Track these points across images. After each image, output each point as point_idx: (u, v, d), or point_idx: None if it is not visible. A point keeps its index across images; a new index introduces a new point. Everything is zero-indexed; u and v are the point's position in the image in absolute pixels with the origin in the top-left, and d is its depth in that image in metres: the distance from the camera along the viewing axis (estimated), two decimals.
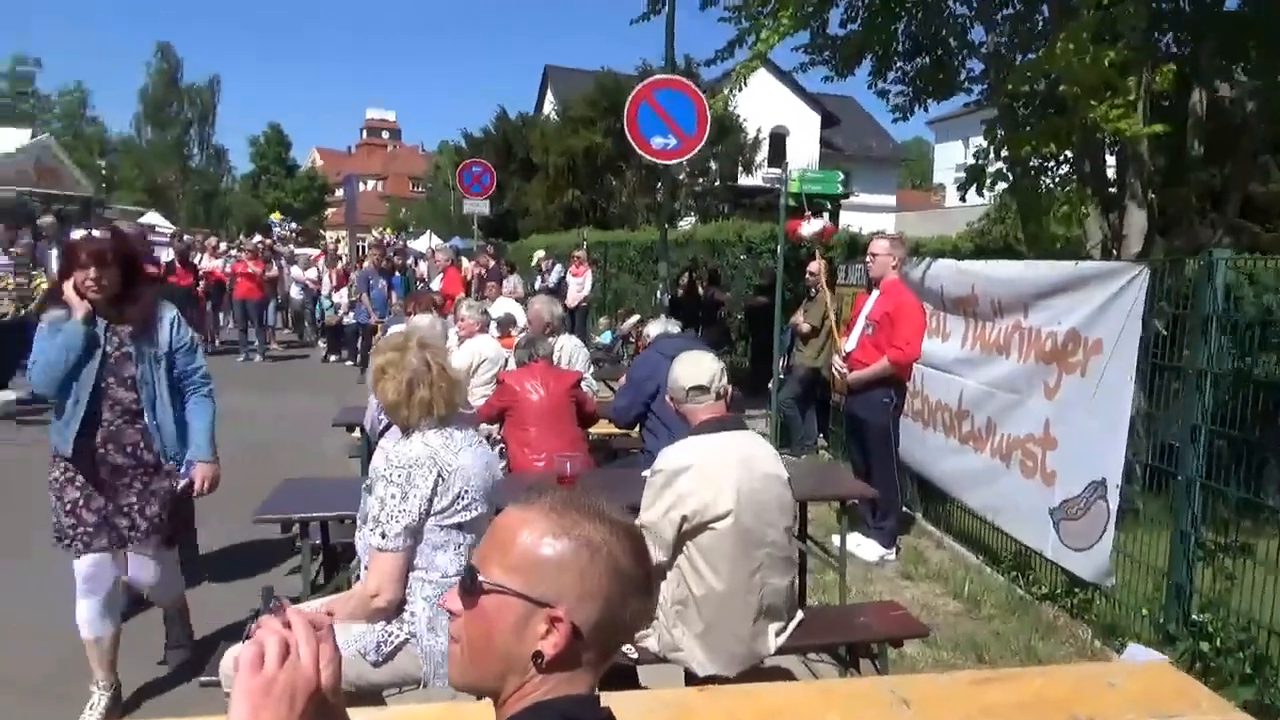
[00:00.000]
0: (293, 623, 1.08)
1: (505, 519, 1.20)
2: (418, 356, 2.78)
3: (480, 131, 30.36)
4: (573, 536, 1.15)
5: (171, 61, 45.07)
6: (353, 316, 13.69)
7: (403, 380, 2.74)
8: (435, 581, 2.68)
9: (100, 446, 3.32)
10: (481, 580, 1.15)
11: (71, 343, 3.19)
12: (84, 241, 3.27)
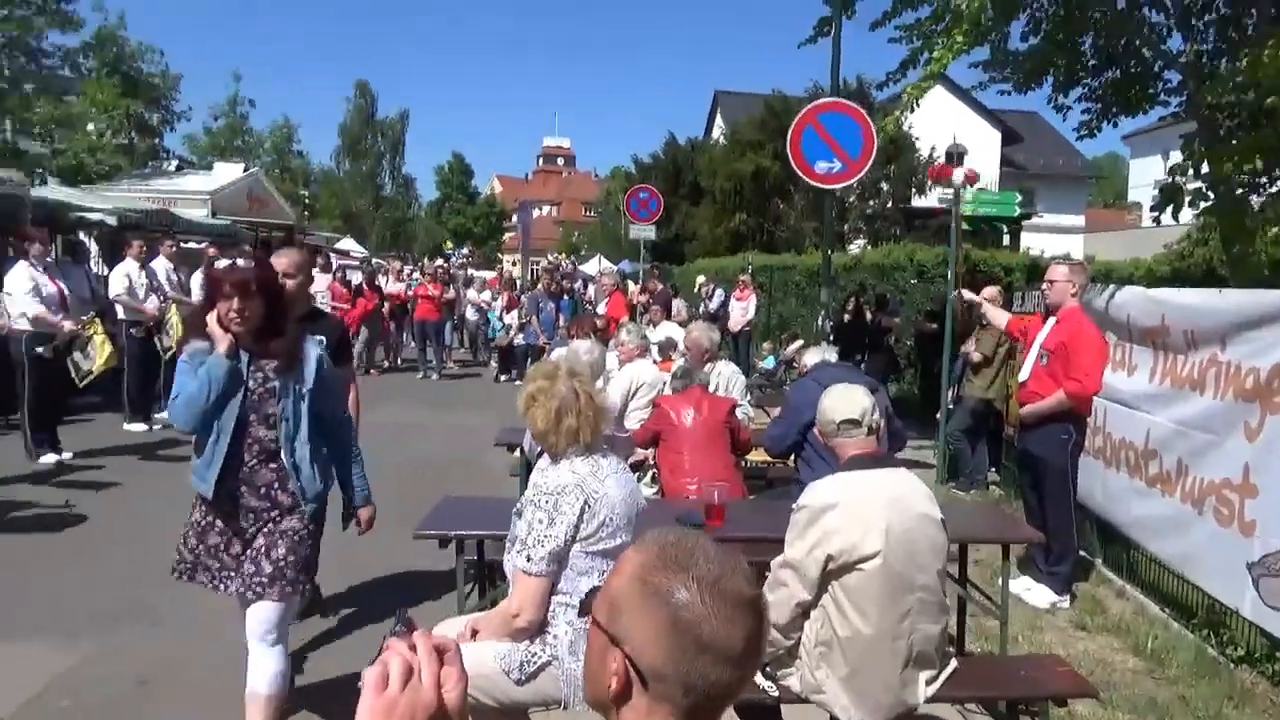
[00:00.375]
0: (417, 646, 1.11)
1: (622, 553, 1.25)
2: (566, 385, 2.83)
3: (650, 157, 30.88)
4: (651, 585, 1.16)
5: (368, 98, 48.42)
6: (523, 338, 14.19)
7: (551, 408, 2.79)
8: (578, 606, 2.71)
9: (237, 488, 3.11)
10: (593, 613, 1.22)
11: (216, 377, 2.99)
12: (227, 271, 3.02)
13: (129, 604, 4.77)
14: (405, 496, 7.35)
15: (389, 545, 6.01)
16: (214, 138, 31.70)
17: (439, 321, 15.50)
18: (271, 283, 3.14)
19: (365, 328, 15.28)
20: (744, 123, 26.18)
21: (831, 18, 8.55)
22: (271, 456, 3.14)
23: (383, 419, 10.97)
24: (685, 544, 1.21)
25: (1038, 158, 34.80)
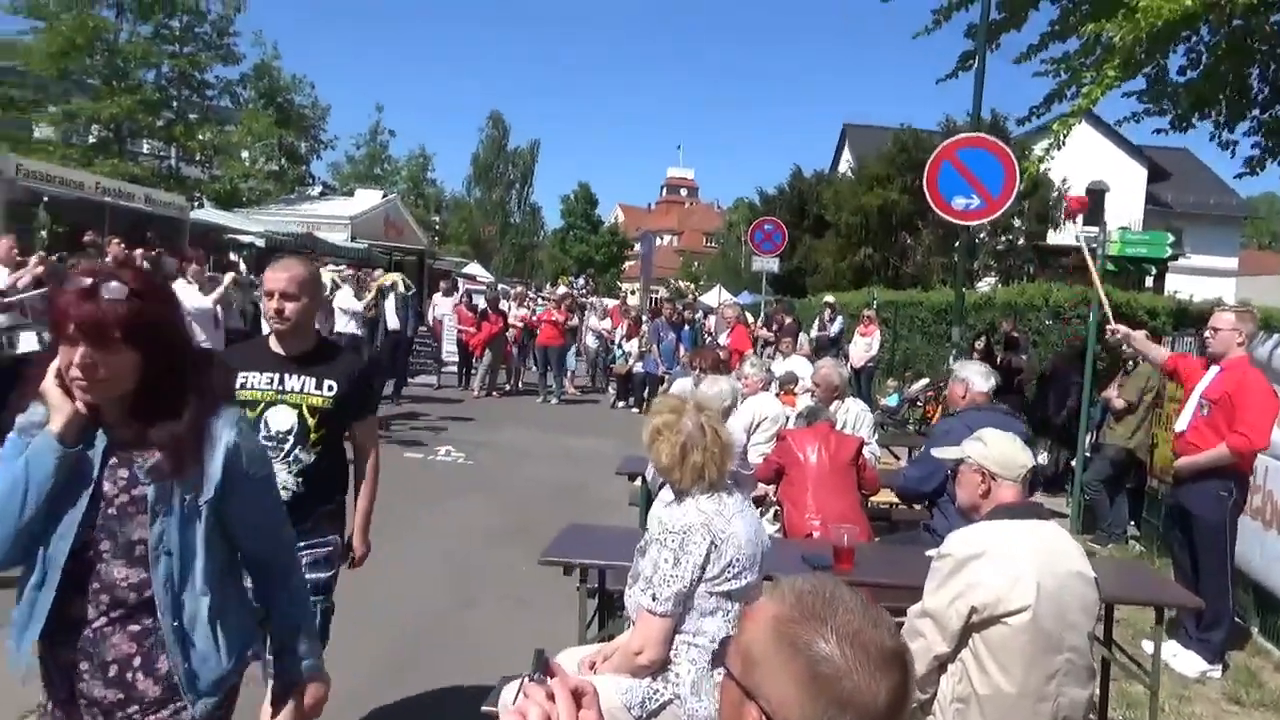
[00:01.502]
0: (556, 695, 1.09)
1: (752, 606, 1.20)
2: (693, 420, 2.79)
3: (774, 189, 30.74)
4: (788, 636, 1.10)
5: (501, 129, 50.04)
6: (642, 366, 14.26)
7: (677, 443, 2.76)
8: (702, 646, 2.66)
9: (73, 664, 1.86)
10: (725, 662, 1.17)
11: (37, 475, 1.77)
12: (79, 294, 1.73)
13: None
14: (524, 520, 7.47)
15: (507, 566, 6.12)
16: (355, 165, 33.28)
17: (562, 347, 15.74)
18: (158, 317, 1.83)
19: (489, 351, 15.65)
20: (873, 156, 25.80)
21: (974, 52, 8.33)
22: (133, 613, 1.84)
23: (502, 441, 11.19)
24: (823, 592, 1.15)
25: (1187, 195, 33.01)
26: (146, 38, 20.51)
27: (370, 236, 19.82)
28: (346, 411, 3.10)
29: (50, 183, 10.43)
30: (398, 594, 5.46)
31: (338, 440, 3.16)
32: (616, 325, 16.76)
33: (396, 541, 6.57)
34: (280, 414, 2.99)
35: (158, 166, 21.88)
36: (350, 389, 3.07)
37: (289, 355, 3.03)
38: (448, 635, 4.88)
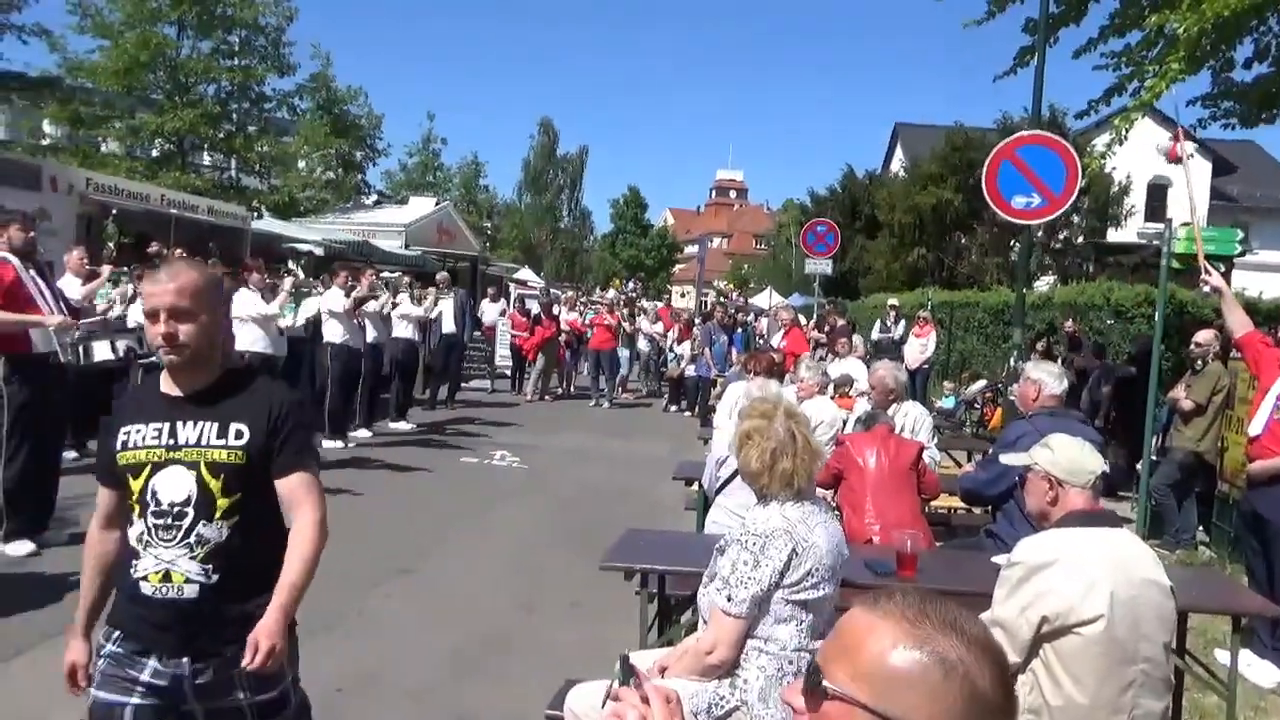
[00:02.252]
0: (651, 700, 1.09)
1: (853, 621, 1.12)
2: (784, 426, 2.79)
3: (826, 190, 30.51)
4: (925, 651, 1.04)
5: (551, 135, 50.43)
6: (694, 369, 14.24)
7: (767, 449, 2.75)
8: (773, 654, 2.65)
9: None
10: (826, 684, 1.08)
11: None
12: None
13: (329, 612, 5.03)
14: (579, 524, 7.50)
15: (564, 569, 6.15)
16: (409, 174, 33.77)
17: (614, 351, 15.79)
18: None
19: (541, 355, 15.77)
20: (925, 155, 25.50)
21: (1033, 47, 8.20)
22: None
23: (556, 445, 11.26)
24: (917, 601, 1.12)
25: (1253, 189, 32.05)
26: (206, 53, 21.04)
27: (424, 243, 20.07)
28: (264, 464, 2.29)
29: (119, 196, 10.74)
30: (459, 596, 5.53)
31: (262, 506, 2.34)
32: (668, 329, 16.77)
33: (457, 545, 6.67)
34: (173, 478, 2.21)
35: (219, 178, 22.42)
36: (269, 433, 2.28)
37: (185, 395, 2.28)
38: (509, 638, 4.92)
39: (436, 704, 4.06)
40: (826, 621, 2.79)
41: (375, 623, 5.00)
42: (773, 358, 7.72)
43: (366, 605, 5.22)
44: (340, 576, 5.66)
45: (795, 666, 2.68)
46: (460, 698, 4.14)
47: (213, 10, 20.59)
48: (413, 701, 4.07)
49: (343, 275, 10.02)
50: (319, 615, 4.95)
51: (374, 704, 4.01)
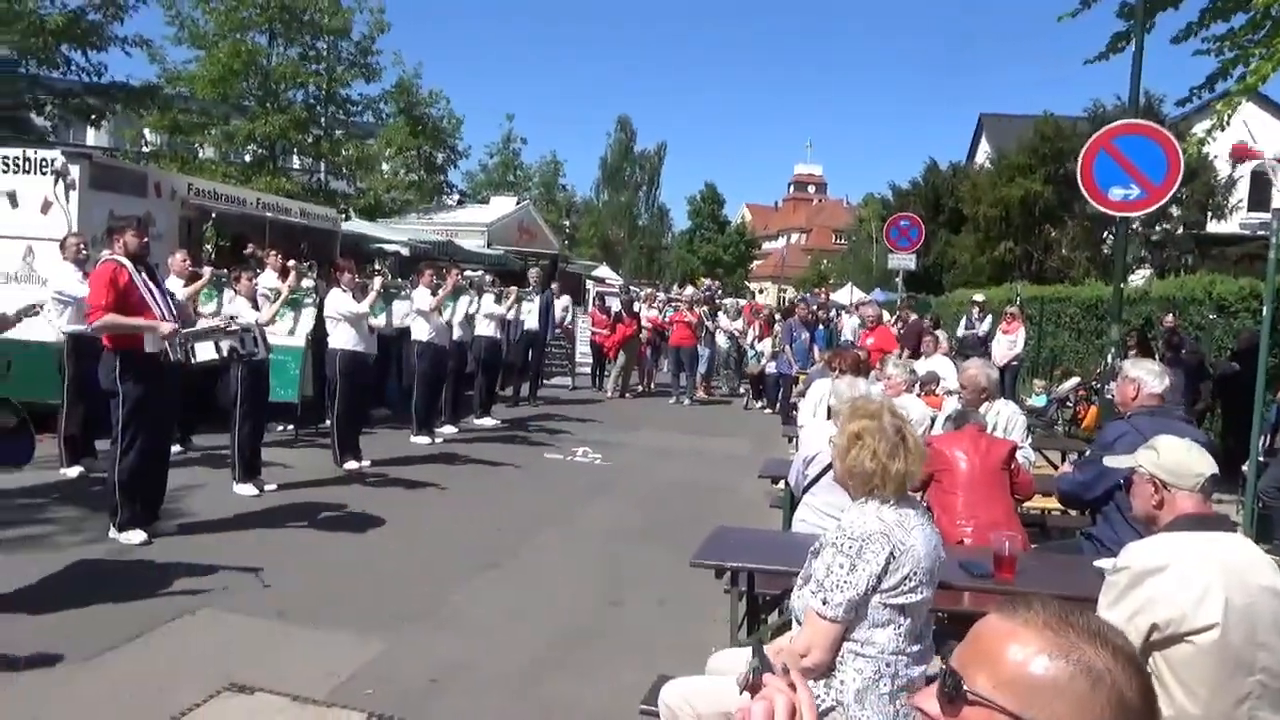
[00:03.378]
0: (798, 687, 1.11)
1: (991, 627, 1.12)
2: (892, 426, 2.76)
3: (908, 183, 29.96)
4: (1072, 660, 1.04)
5: (628, 132, 50.61)
6: (775, 366, 14.14)
7: (880, 450, 2.72)
8: (870, 657, 2.63)
9: None
10: (967, 690, 1.08)
11: None
12: None
13: (421, 603, 5.18)
14: (662, 520, 7.54)
15: (649, 565, 6.19)
16: (489, 174, 34.27)
17: (694, 348, 15.78)
18: None
19: (622, 352, 15.85)
20: (1012, 146, 24.82)
21: (1127, 33, 7.91)
22: None
23: (637, 442, 11.32)
24: (1058, 609, 1.10)
25: None
26: (294, 59, 21.68)
27: (505, 242, 20.36)
28: None
29: (217, 200, 11.14)
30: (547, 590, 5.61)
31: None
32: (749, 325, 16.69)
33: (542, 540, 6.76)
34: None
35: (308, 181, 23.09)
36: None
37: None
38: (597, 633, 4.97)
39: (528, 696, 4.13)
40: (924, 624, 2.75)
41: (466, 615, 5.11)
42: (858, 355, 7.64)
43: (457, 598, 5.34)
44: (431, 569, 5.82)
45: (892, 670, 2.65)
46: (551, 690, 4.20)
47: (300, 18, 21.21)
48: (505, 693, 4.15)
49: (428, 274, 10.23)
50: (412, 606, 5.10)
51: (468, 695, 4.10)
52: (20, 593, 4.91)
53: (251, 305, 7.67)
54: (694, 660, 4.22)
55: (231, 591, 5.15)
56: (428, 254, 14.74)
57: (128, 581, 5.18)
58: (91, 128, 19.89)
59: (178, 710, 3.73)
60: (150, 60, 20.17)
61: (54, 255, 8.07)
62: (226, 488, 7.32)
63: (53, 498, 6.88)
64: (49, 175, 8.82)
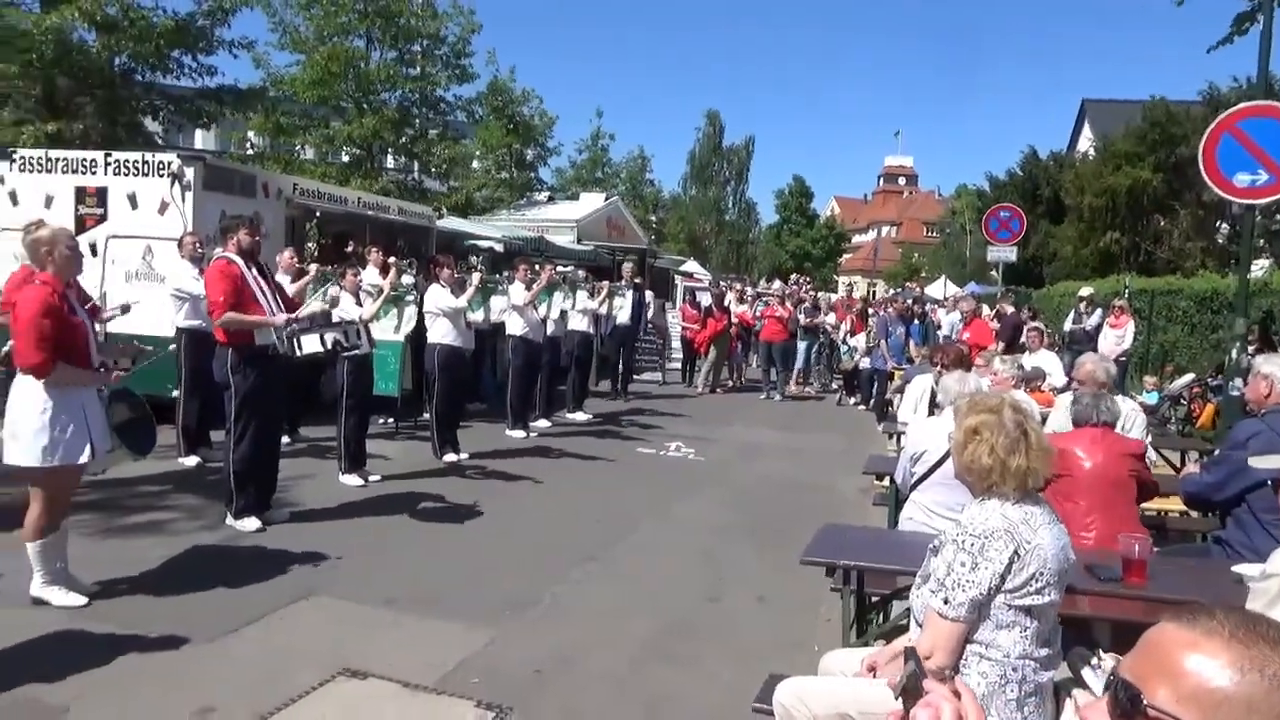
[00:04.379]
0: (963, 694, 1.07)
1: (1169, 637, 1.04)
2: (1013, 420, 2.66)
3: (1005, 173, 29.03)
4: (1267, 675, 0.96)
5: (717, 127, 50.34)
6: (869, 361, 13.88)
7: (999, 445, 2.62)
8: (996, 660, 2.53)
9: None
10: (1147, 704, 1.01)
11: None
12: None
13: (523, 594, 5.23)
14: (758, 516, 7.47)
15: (746, 562, 6.14)
16: (579, 170, 34.51)
17: (785, 343, 15.61)
18: None
19: (713, 347, 15.78)
20: (1118, 133, 23.79)
21: (1252, 12, 7.49)
22: None
23: (729, 437, 11.25)
24: (1243, 619, 1.02)
25: None
26: (390, 62, 22.22)
27: (594, 238, 20.49)
28: None
29: (320, 199, 11.48)
30: (646, 585, 5.61)
31: None
32: (841, 320, 16.42)
33: (639, 534, 6.76)
34: None
35: (404, 180, 23.65)
36: None
37: None
38: (697, 628, 4.94)
39: (631, 690, 4.12)
40: (1051, 628, 2.64)
41: (566, 607, 5.14)
42: (960, 349, 7.40)
43: (557, 589, 5.37)
44: (530, 561, 5.87)
45: (1020, 675, 2.55)
46: (653, 684, 4.19)
47: (397, 22, 21.71)
48: (608, 686, 4.16)
49: (523, 269, 10.35)
50: (514, 597, 5.15)
51: (572, 687, 4.11)
52: (145, 576, 5.14)
53: (355, 301, 7.89)
54: (796, 658, 4.17)
55: (341, 579, 5.30)
56: (520, 250, 14.93)
57: (243, 567, 5.37)
58: (201, 130, 20.77)
59: (296, 692, 3.84)
60: (255, 65, 20.97)
61: (171, 254, 8.46)
62: (333, 478, 7.53)
63: (172, 486, 7.18)
64: (165, 177, 9.22)
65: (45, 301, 4.39)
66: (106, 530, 5.97)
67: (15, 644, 4.13)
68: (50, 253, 4.53)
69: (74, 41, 16.10)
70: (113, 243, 9.27)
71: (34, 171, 9.72)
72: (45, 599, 4.58)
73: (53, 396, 4.41)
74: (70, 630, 4.34)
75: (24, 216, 8.72)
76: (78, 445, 4.49)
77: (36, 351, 4.34)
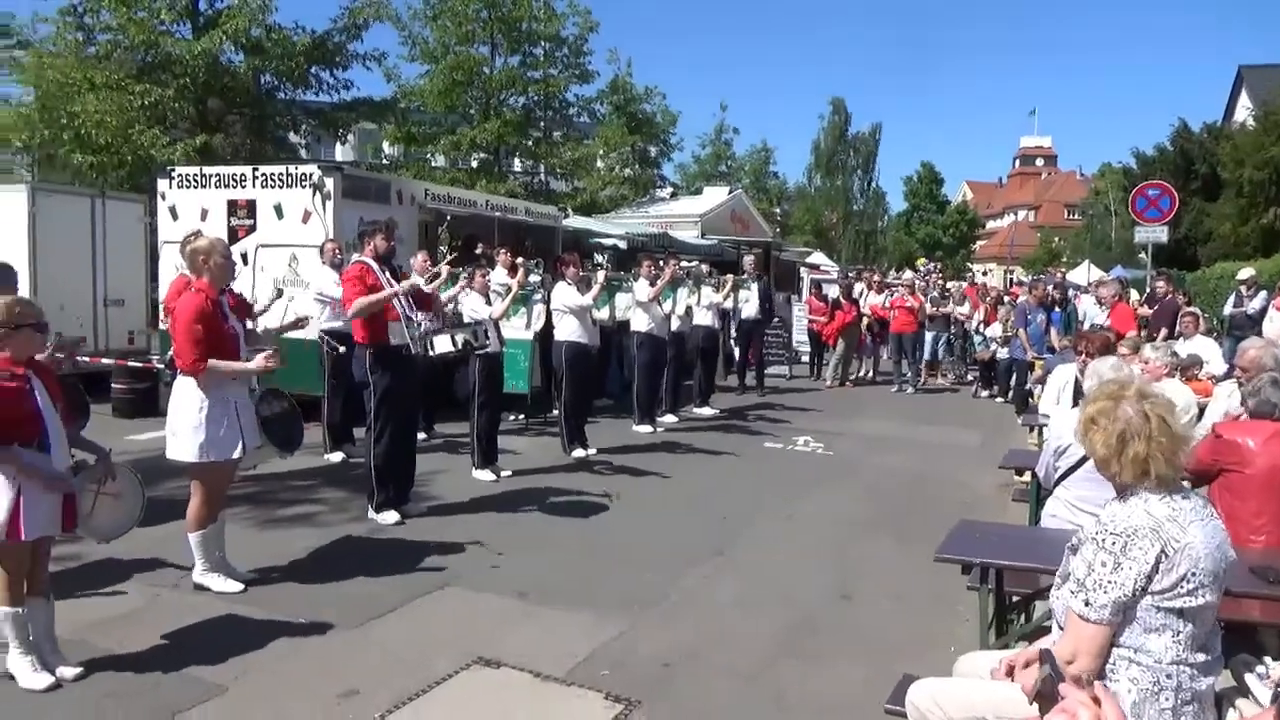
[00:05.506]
0: (1103, 700, 1.02)
1: None
2: (1134, 407, 2.49)
3: (1154, 149, 27.37)
4: None
5: (842, 115, 49.45)
6: (1006, 351, 13.32)
7: (1114, 432, 2.48)
8: (1146, 666, 2.38)
9: None
10: None
11: None
12: None
13: (652, 588, 5.25)
14: (889, 512, 7.29)
15: (878, 558, 5.99)
16: (701, 164, 34.48)
17: (916, 334, 15.17)
18: None
19: (841, 340, 15.47)
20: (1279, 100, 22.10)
21: None
22: None
23: (859, 431, 11.01)
24: None
25: None
26: (513, 67, 22.73)
27: (718, 232, 20.41)
28: None
29: (450, 203, 11.86)
30: (775, 580, 5.55)
31: None
32: (975, 309, 15.82)
33: (767, 528, 6.70)
34: None
35: (530, 183, 24.17)
36: None
37: None
38: (828, 625, 4.85)
39: (761, 685, 4.08)
40: (1209, 632, 2.46)
41: (696, 601, 5.13)
42: (1107, 337, 7.01)
43: (685, 584, 5.38)
44: (659, 555, 5.90)
45: (1174, 681, 2.38)
46: (784, 681, 4.14)
47: (519, 27, 22.19)
48: (738, 681, 4.13)
49: (647, 266, 10.39)
50: (643, 591, 5.18)
51: (701, 681, 4.11)
52: (294, 565, 5.43)
53: (484, 300, 8.10)
54: (930, 658, 4.04)
55: (475, 570, 5.45)
56: (644, 246, 15.02)
57: (384, 558, 5.60)
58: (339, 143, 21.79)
59: (434, 679, 3.98)
60: (386, 79, 21.83)
61: (314, 260, 8.89)
62: (466, 473, 7.76)
63: (319, 481, 7.56)
64: (308, 188, 9.71)
65: (199, 308, 4.70)
66: (259, 522, 6.33)
67: (180, 627, 4.44)
68: (206, 261, 4.84)
69: (223, 64, 17.16)
70: (261, 251, 9.83)
71: (190, 187, 10.41)
72: (206, 585, 4.89)
73: (208, 396, 4.72)
74: (228, 615, 4.63)
75: (182, 229, 9.41)
76: (230, 442, 4.79)
77: (191, 353, 4.66)
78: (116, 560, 5.16)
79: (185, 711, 3.65)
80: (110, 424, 9.25)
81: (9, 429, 3.55)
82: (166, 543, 5.26)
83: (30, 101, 16.88)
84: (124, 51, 17.02)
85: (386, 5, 18.87)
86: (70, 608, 4.30)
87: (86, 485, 4.04)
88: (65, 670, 3.83)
